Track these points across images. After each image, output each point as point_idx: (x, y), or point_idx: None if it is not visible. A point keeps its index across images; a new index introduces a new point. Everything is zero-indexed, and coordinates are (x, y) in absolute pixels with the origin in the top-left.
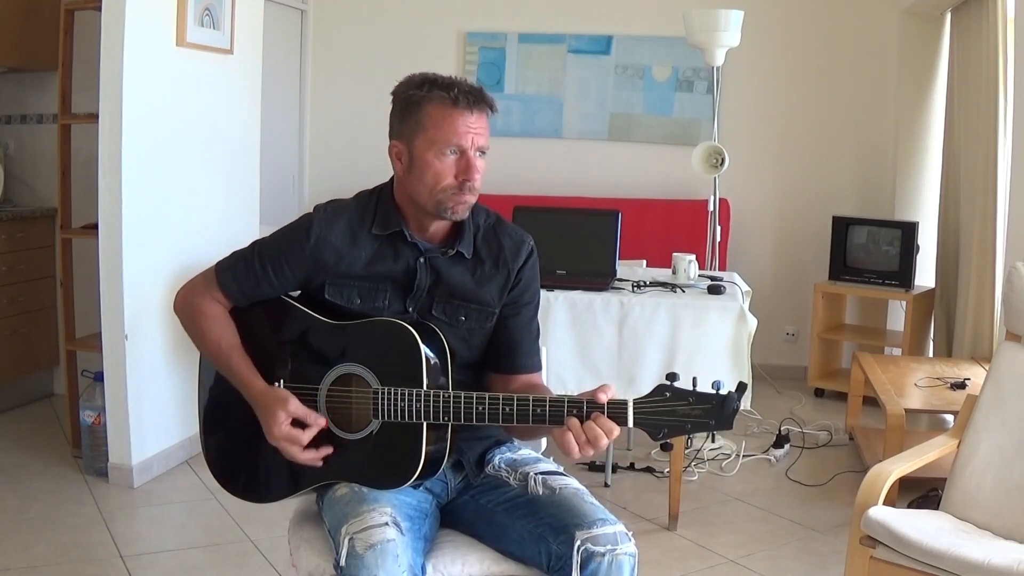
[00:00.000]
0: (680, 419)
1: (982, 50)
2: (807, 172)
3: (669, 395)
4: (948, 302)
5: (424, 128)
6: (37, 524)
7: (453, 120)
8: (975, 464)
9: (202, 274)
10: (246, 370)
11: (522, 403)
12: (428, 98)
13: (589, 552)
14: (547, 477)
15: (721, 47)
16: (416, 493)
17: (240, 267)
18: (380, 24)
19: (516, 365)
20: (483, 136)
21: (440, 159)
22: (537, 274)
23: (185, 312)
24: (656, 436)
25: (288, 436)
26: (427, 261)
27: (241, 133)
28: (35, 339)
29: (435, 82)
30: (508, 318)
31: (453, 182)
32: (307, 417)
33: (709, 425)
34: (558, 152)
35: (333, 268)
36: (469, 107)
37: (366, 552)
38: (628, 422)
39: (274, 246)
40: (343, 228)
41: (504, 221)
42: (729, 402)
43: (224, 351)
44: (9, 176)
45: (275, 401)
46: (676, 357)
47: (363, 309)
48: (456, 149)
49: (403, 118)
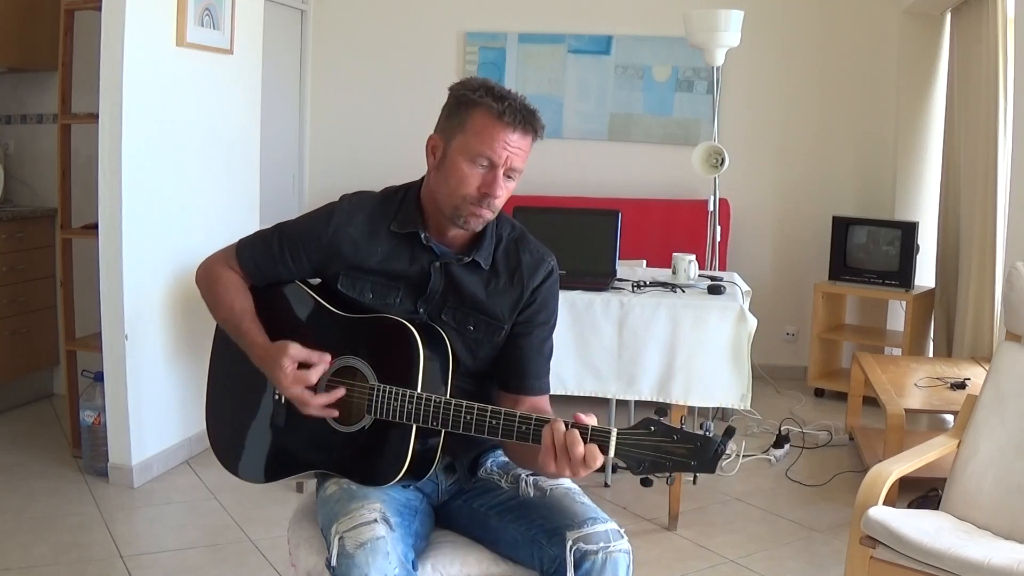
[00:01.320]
0: (662, 456)
1: (982, 50)
2: (807, 172)
3: (654, 429)
4: (948, 302)
5: (464, 131)
6: (37, 524)
7: (494, 133)
8: (975, 464)
9: (223, 249)
10: (255, 331)
11: (508, 418)
12: (478, 103)
13: (582, 551)
14: (538, 478)
15: (721, 47)
16: (406, 491)
17: (260, 246)
18: (380, 24)
19: (523, 385)
20: (520, 158)
21: (469, 166)
22: (556, 295)
23: (204, 280)
24: (635, 470)
25: (296, 377)
26: (442, 267)
27: (241, 133)
28: (35, 339)
29: (491, 90)
30: (520, 336)
31: (475, 193)
32: (310, 357)
33: (690, 466)
34: (558, 152)
35: (348, 259)
36: (514, 125)
37: (356, 551)
38: (609, 451)
39: (295, 230)
40: (363, 221)
41: (529, 237)
42: (712, 445)
43: (236, 314)
44: (9, 176)
45: (277, 349)
46: (676, 357)
47: (374, 304)
48: (488, 162)
49: (450, 115)
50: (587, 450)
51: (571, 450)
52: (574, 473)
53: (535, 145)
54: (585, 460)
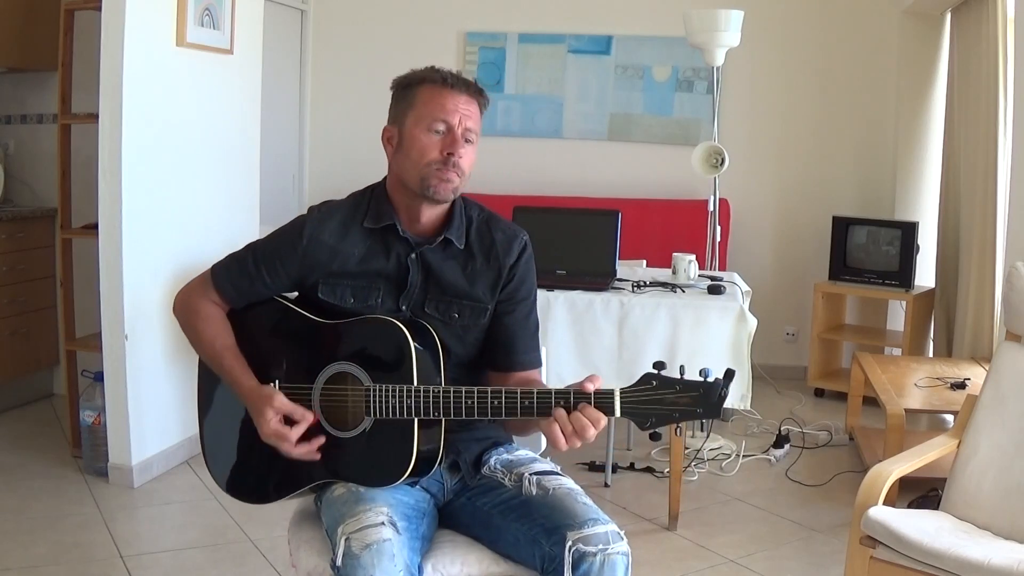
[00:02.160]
0: (667, 408)
1: (982, 50)
2: (807, 172)
3: (656, 384)
4: (948, 302)
5: (414, 106)
6: (37, 524)
7: (443, 97)
8: (975, 464)
9: (199, 277)
10: (238, 370)
11: (510, 396)
12: (421, 80)
13: (581, 552)
14: (542, 477)
15: (721, 47)
16: (413, 492)
17: (235, 268)
18: (380, 24)
19: (514, 362)
20: (471, 119)
21: (427, 135)
22: (532, 269)
23: (183, 314)
24: (644, 426)
25: (277, 433)
26: (419, 256)
27: (241, 133)
28: (35, 339)
29: (431, 69)
30: (504, 315)
31: (438, 156)
32: (294, 413)
33: (697, 413)
34: (558, 152)
35: (326, 267)
36: (459, 89)
37: (362, 552)
38: (615, 411)
39: (268, 247)
40: (336, 226)
41: (497, 216)
42: (715, 389)
43: (218, 351)
44: (9, 176)
45: (262, 399)
46: (676, 357)
47: (356, 307)
48: (444, 126)
49: (397, 102)
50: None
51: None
52: (583, 439)
53: (535, 145)
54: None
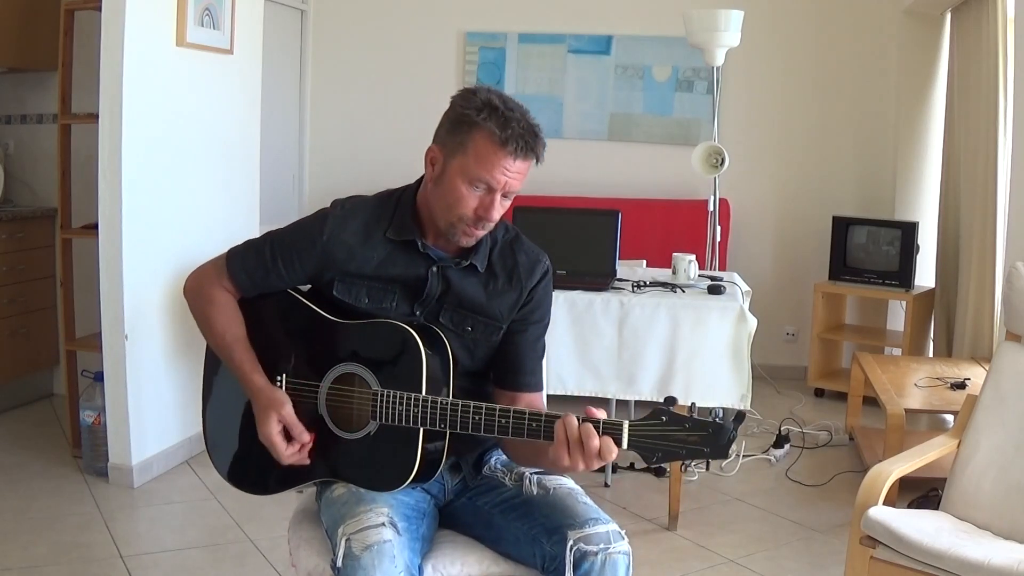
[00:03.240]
0: (675, 445)
1: (982, 50)
2: (807, 172)
3: (665, 419)
4: (948, 302)
5: (465, 152)
6: (37, 524)
7: (495, 160)
8: (975, 464)
9: (213, 260)
10: (248, 364)
11: (518, 416)
12: (481, 126)
13: (582, 552)
14: (542, 477)
15: (721, 47)
16: (413, 493)
17: (251, 256)
18: (380, 24)
19: (517, 383)
20: (518, 182)
21: (467, 188)
22: (550, 294)
23: (194, 298)
24: (650, 460)
25: (274, 442)
26: (440, 271)
27: (241, 133)
28: (35, 339)
29: (495, 110)
30: (515, 334)
31: (470, 215)
32: (294, 428)
33: (703, 452)
34: (558, 152)
35: (343, 265)
36: (516, 153)
37: (363, 553)
38: (622, 444)
39: (287, 238)
40: (357, 227)
41: (522, 238)
42: (725, 432)
43: (228, 343)
44: (9, 176)
45: (271, 402)
46: (676, 357)
47: (370, 309)
48: (486, 187)
49: (451, 130)
50: (602, 443)
51: (586, 443)
52: (588, 466)
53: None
54: (600, 453)
